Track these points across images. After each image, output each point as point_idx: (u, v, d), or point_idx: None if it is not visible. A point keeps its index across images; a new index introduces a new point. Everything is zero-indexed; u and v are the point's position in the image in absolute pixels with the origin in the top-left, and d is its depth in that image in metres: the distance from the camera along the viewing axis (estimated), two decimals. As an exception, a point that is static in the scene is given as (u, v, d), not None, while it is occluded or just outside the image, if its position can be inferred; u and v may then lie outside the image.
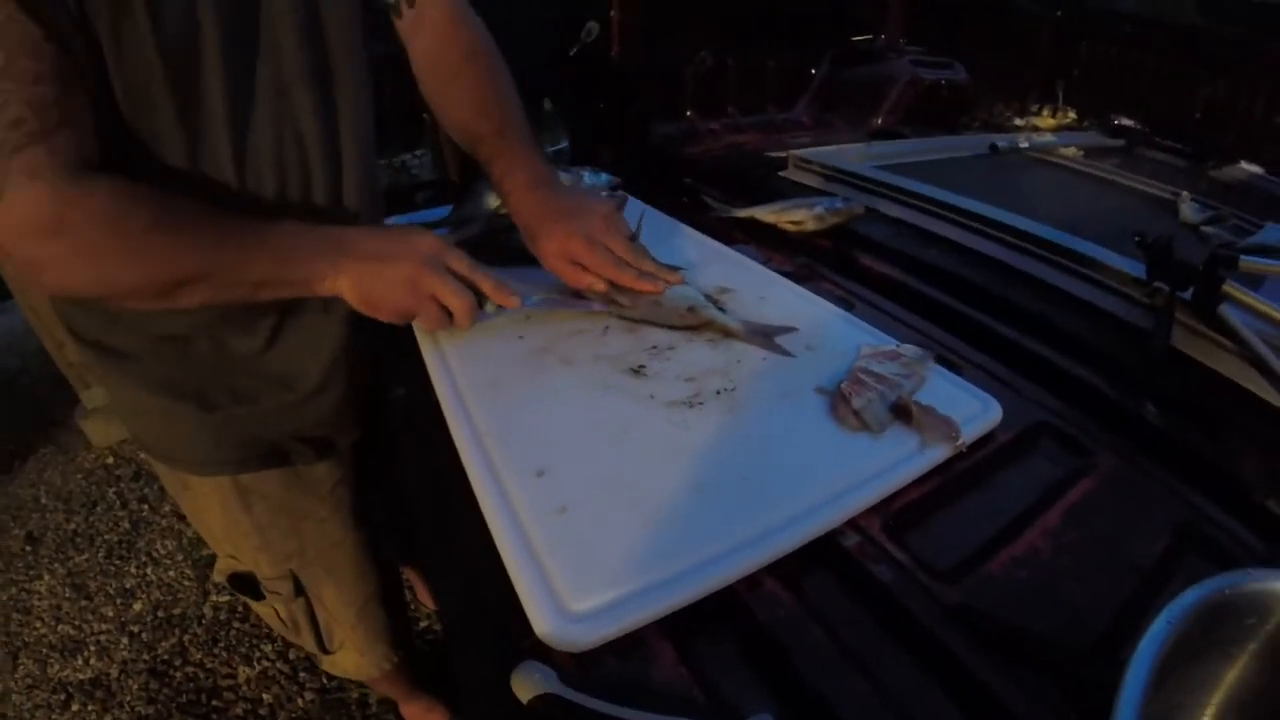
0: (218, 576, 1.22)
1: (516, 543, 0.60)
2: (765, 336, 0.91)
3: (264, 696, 1.89)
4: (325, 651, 1.34)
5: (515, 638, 0.54)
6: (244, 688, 1.92)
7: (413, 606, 1.90)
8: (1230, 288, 0.93)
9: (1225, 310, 0.93)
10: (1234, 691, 0.48)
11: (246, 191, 0.85)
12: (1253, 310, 0.93)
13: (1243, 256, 0.96)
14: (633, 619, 0.54)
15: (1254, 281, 1.00)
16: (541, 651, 0.53)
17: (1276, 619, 0.46)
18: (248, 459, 1.03)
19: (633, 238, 0.99)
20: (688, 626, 0.56)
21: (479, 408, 0.77)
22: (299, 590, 1.21)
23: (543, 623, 0.53)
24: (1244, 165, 2.08)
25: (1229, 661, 0.48)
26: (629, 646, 0.54)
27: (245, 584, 1.20)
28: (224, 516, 1.09)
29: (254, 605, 1.27)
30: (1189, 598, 0.43)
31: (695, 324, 0.93)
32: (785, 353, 0.89)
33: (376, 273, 0.81)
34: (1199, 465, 0.78)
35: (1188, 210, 1.61)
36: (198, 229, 0.75)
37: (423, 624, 1.96)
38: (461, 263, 0.85)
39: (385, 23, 1.03)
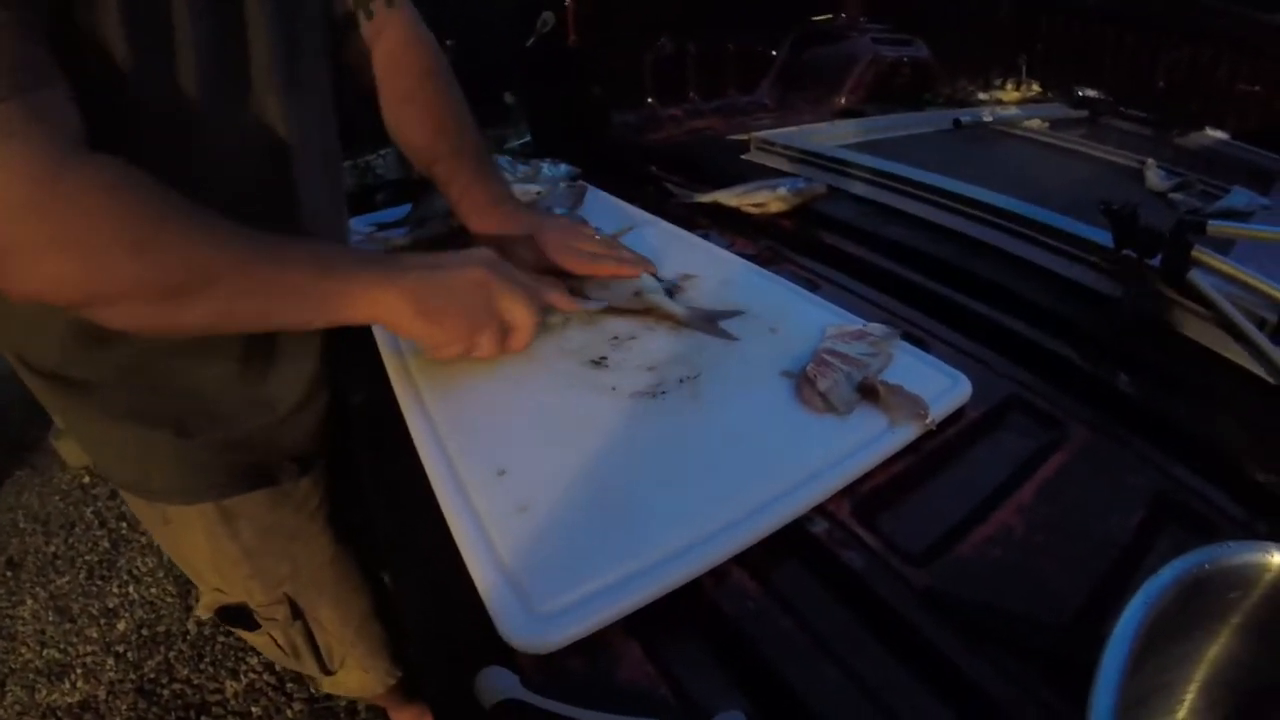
0: (203, 613, 1.17)
1: (478, 544, 0.58)
2: (709, 322, 0.90)
3: (252, 710, 1.90)
4: (327, 673, 1.30)
5: (479, 642, 0.52)
6: (232, 702, 1.92)
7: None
8: (1199, 253, 0.92)
9: (1195, 276, 0.92)
10: (1219, 666, 0.47)
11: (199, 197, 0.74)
12: (1223, 274, 0.92)
13: (1211, 221, 0.94)
14: (599, 617, 0.53)
15: (1223, 246, 0.98)
16: (506, 655, 0.51)
17: (1259, 591, 0.45)
18: (231, 482, 0.99)
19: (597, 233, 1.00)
20: (654, 623, 0.54)
21: (438, 407, 0.75)
22: (296, 614, 1.16)
23: (507, 624, 0.52)
24: (1209, 131, 2.09)
25: (1212, 636, 0.47)
26: (594, 646, 0.52)
27: (235, 616, 1.15)
28: (210, 546, 1.04)
29: (248, 636, 1.22)
30: (1166, 575, 0.41)
31: (639, 309, 0.92)
32: (729, 337, 0.87)
33: (438, 280, 0.74)
34: (1174, 433, 0.76)
35: (1154, 178, 1.60)
36: (220, 222, 0.64)
37: (409, 630, 1.96)
38: (519, 272, 0.81)
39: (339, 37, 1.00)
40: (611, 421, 0.72)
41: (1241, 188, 1.48)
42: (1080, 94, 2.35)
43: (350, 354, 0.96)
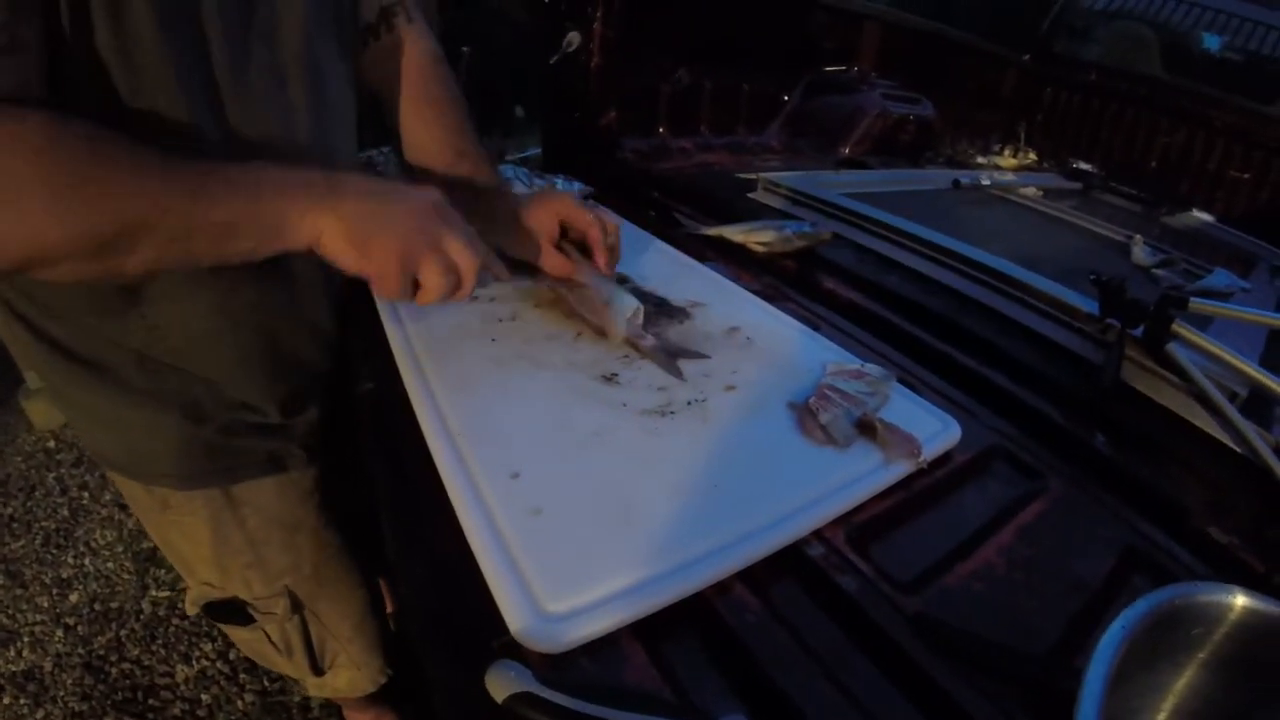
0: (191, 609, 1.15)
1: (492, 543, 0.60)
2: (669, 357, 0.90)
3: (203, 697, 1.85)
4: (318, 673, 1.29)
5: (486, 637, 0.54)
6: (182, 687, 1.87)
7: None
8: (1179, 327, 0.97)
9: (1173, 348, 0.97)
10: (1183, 698, 0.51)
11: None
12: (1199, 349, 0.97)
13: (1192, 298, 1.00)
14: (609, 621, 0.55)
15: (1202, 322, 1.04)
16: (514, 652, 0.53)
17: (1223, 630, 0.49)
18: (239, 468, 0.99)
19: None
20: (658, 629, 0.57)
21: (451, 407, 0.77)
22: (295, 607, 1.15)
23: (518, 621, 0.53)
24: (1195, 213, 2.17)
25: (1178, 670, 0.50)
26: (601, 648, 0.55)
27: (226, 611, 1.13)
28: (214, 534, 1.03)
29: (236, 633, 1.21)
30: (1142, 605, 0.45)
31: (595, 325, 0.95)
32: (679, 376, 0.87)
33: (375, 210, 0.71)
34: (1145, 493, 0.81)
35: (1140, 253, 1.66)
36: (146, 162, 0.63)
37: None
38: (463, 224, 0.78)
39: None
40: (622, 435, 0.75)
41: (1223, 269, 1.54)
42: (1075, 166, 2.42)
43: (358, 343, 0.98)
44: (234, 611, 1.14)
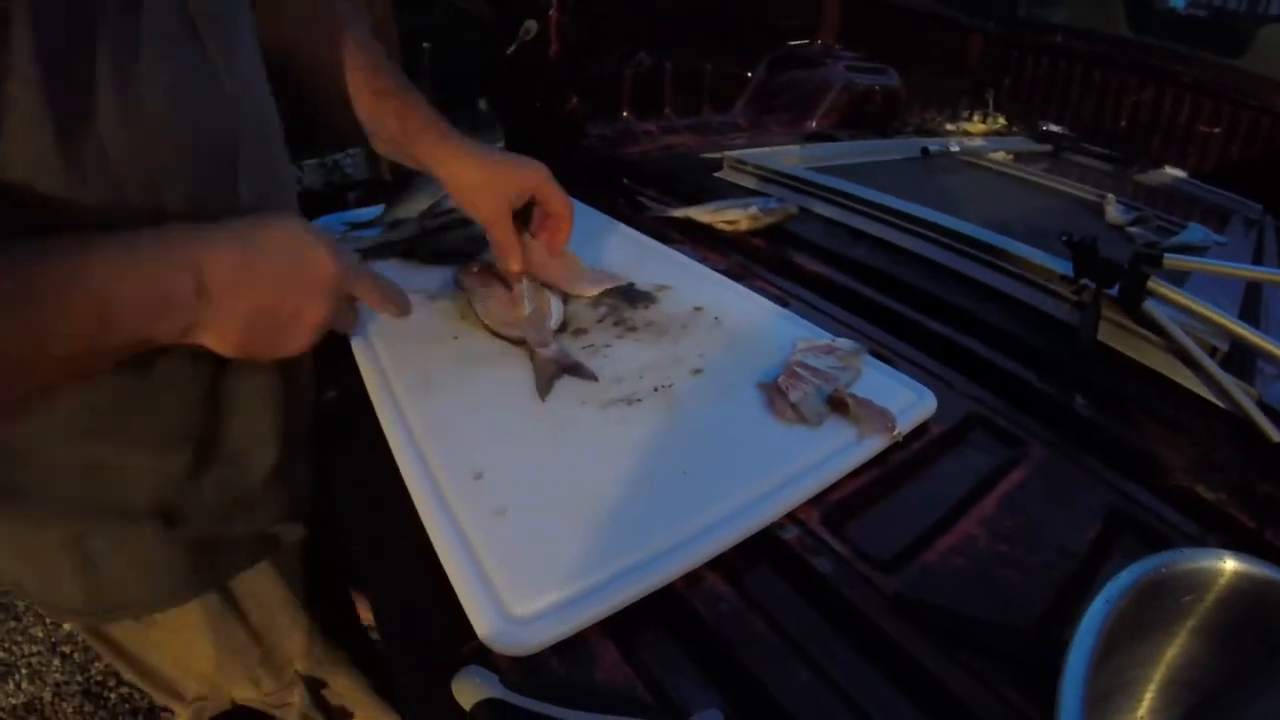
0: None
1: (456, 546, 0.58)
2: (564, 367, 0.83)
3: (203, 713, 1.84)
4: None
5: (455, 644, 0.53)
6: None
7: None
8: (1156, 284, 0.95)
9: (1150, 305, 0.95)
10: (1177, 666, 0.50)
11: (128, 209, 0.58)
12: (1177, 305, 0.95)
13: (1167, 254, 0.98)
14: (578, 620, 0.53)
15: (1178, 278, 1.02)
16: (483, 656, 0.52)
17: (1213, 595, 0.47)
18: (231, 561, 0.84)
19: None
20: (629, 625, 0.55)
21: (413, 408, 0.75)
22: (312, 690, 1.00)
23: (485, 626, 0.52)
24: (1168, 170, 2.16)
25: (1170, 638, 0.49)
26: (571, 648, 0.53)
27: None
28: (215, 641, 0.86)
29: None
30: (1126, 578, 0.44)
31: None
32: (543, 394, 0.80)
33: (258, 324, 0.61)
34: (1129, 453, 0.80)
35: (1113, 212, 1.65)
36: (17, 307, 0.47)
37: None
38: (370, 287, 0.72)
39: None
40: (587, 428, 0.73)
41: (1198, 224, 1.53)
42: (1044, 129, 2.42)
43: (321, 351, 0.95)
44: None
